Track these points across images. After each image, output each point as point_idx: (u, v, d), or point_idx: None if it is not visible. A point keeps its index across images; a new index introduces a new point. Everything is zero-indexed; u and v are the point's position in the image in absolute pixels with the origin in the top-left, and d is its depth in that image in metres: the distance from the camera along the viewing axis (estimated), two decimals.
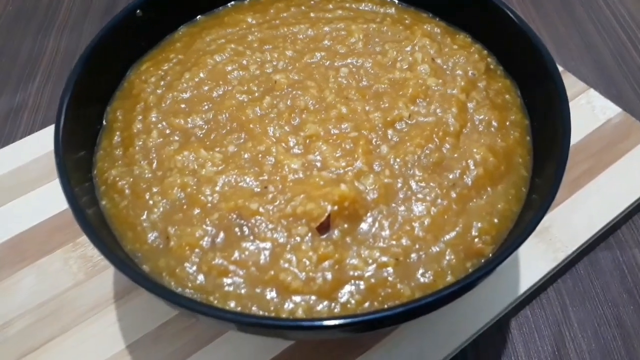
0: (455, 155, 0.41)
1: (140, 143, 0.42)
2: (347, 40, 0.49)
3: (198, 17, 0.53)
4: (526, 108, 0.46)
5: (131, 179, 0.41)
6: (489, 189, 0.40)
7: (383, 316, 0.31)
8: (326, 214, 0.37)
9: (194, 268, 0.36)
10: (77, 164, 0.42)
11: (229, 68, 0.47)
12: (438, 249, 0.37)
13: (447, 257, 0.37)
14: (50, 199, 0.55)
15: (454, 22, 0.52)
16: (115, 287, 0.50)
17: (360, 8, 0.53)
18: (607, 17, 0.76)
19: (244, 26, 0.51)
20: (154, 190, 0.40)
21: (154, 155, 0.42)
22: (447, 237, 0.38)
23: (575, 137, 0.58)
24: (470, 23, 0.50)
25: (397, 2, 0.54)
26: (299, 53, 0.48)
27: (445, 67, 0.47)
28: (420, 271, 0.36)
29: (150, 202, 0.39)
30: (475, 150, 0.41)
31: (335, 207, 0.37)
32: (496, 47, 0.49)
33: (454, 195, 0.39)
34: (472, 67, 0.47)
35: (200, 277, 0.36)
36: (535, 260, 0.50)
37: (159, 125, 0.43)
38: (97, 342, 0.47)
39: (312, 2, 0.53)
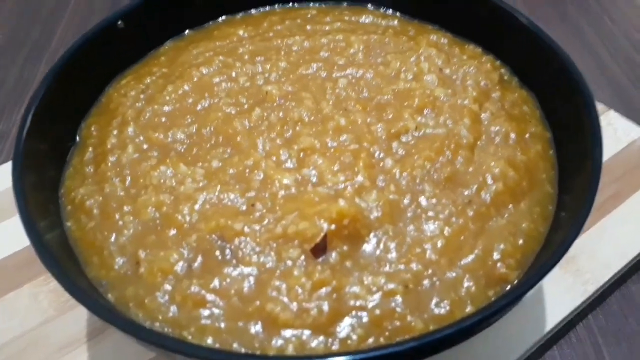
0: (470, 169, 0.36)
1: (114, 159, 0.38)
2: (346, 52, 0.45)
3: (186, 31, 0.50)
4: (547, 120, 0.41)
5: (101, 198, 0.36)
6: (510, 206, 0.35)
7: (391, 353, 0.25)
8: (322, 234, 0.32)
9: (166, 298, 0.31)
10: (42, 183, 0.37)
11: (216, 80, 0.42)
12: (454, 275, 0.32)
13: (466, 284, 0.31)
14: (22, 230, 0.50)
15: (463, 34, 0.48)
16: (89, 325, 0.45)
17: (360, 21, 0.49)
18: (616, 37, 0.73)
19: (234, 39, 0.47)
20: (126, 209, 0.35)
21: (128, 172, 0.37)
22: (465, 261, 0.32)
23: None
24: (480, 33, 0.47)
25: (399, 15, 0.50)
26: (293, 65, 0.44)
27: (454, 77, 0.42)
28: (435, 300, 0.31)
29: (120, 222, 0.34)
30: (492, 164, 0.36)
31: (333, 226, 0.32)
32: (510, 57, 0.45)
33: (470, 213, 0.34)
34: (484, 77, 0.42)
35: (173, 309, 0.30)
36: (562, 293, 0.44)
37: (136, 140, 0.39)
38: None
39: (309, 15, 0.50)
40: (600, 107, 0.58)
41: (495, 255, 0.32)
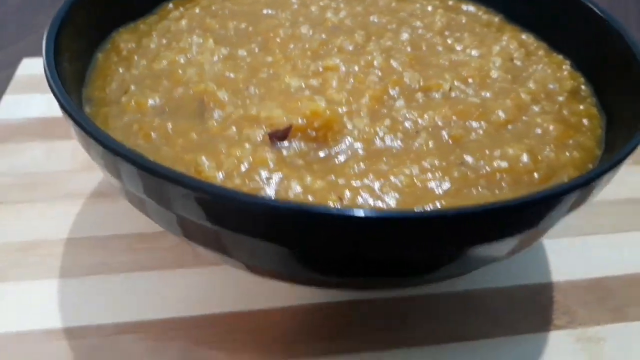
0: (482, 142, 0.32)
1: (160, 25, 0.40)
2: (427, 19, 0.43)
3: None
4: (605, 144, 0.35)
5: (135, 45, 0.38)
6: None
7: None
8: (288, 125, 0.30)
9: (134, 127, 0.32)
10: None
11: (293, 0, 0.44)
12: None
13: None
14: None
15: (557, 47, 0.43)
16: (104, 187, 0.47)
17: (463, 8, 0.47)
18: None
19: None
20: (146, 57, 0.37)
21: (170, 35, 0.39)
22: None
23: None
24: (574, 45, 0.41)
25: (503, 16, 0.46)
26: (367, 12, 0.43)
27: (522, 69, 0.38)
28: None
29: (135, 64, 0.36)
30: (509, 145, 0.32)
31: (301, 121, 0.30)
32: (595, 74, 0.39)
33: (457, 176, 0.30)
34: (555, 81, 0.37)
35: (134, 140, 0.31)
36: None
37: (183, 20, 0.41)
38: (62, 223, 0.43)
39: None
40: None
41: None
